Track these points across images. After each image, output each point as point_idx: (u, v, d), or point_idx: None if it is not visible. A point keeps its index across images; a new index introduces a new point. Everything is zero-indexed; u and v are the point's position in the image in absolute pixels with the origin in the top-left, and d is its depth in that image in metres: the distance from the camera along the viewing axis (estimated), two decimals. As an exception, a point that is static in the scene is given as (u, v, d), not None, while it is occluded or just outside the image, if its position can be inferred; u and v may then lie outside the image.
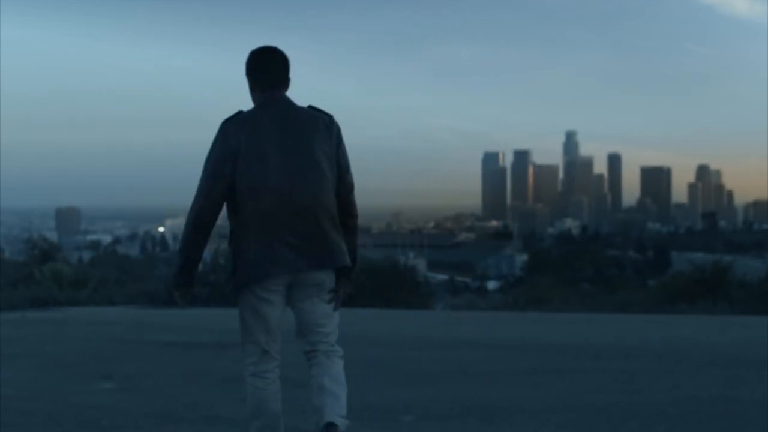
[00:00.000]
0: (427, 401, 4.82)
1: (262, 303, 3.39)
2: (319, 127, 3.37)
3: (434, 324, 10.03)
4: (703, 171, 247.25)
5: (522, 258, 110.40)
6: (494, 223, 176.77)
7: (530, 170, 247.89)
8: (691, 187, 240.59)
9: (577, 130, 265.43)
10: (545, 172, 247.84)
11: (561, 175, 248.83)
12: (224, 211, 3.38)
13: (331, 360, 3.49)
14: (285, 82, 3.46)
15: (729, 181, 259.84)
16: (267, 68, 3.44)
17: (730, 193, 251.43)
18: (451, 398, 4.90)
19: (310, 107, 3.45)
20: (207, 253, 9.41)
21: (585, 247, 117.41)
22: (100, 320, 10.14)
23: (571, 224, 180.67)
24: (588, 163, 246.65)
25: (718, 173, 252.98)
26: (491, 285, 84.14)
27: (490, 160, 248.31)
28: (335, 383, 3.40)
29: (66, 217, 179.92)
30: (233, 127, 3.31)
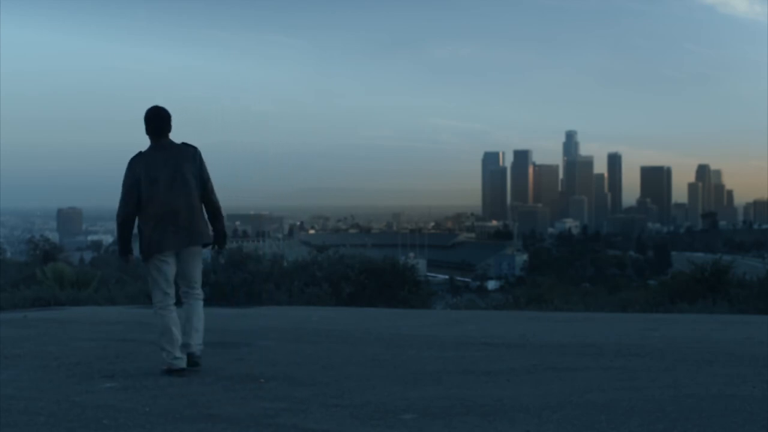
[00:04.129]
0: (427, 400, 4.84)
1: (162, 264, 5.83)
2: (188, 157, 5.85)
3: (434, 323, 10.03)
4: (703, 171, 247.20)
5: (522, 258, 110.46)
6: (494, 223, 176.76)
7: (530, 170, 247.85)
8: (691, 187, 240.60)
9: (577, 130, 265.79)
10: (545, 172, 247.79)
11: (561, 175, 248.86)
12: None
13: (197, 302, 5.95)
14: (168, 130, 5.88)
15: (729, 181, 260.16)
16: (157, 122, 5.85)
17: (730, 193, 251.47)
18: (452, 396, 4.92)
19: (183, 143, 5.90)
20: (208, 253, 9.54)
21: (585, 247, 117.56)
22: (102, 320, 10.14)
23: (571, 224, 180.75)
24: (588, 163, 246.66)
25: (718, 173, 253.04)
26: (491, 285, 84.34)
27: (490, 160, 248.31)
28: (198, 319, 5.89)
29: (67, 218, 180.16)
30: (136, 163, 5.79)
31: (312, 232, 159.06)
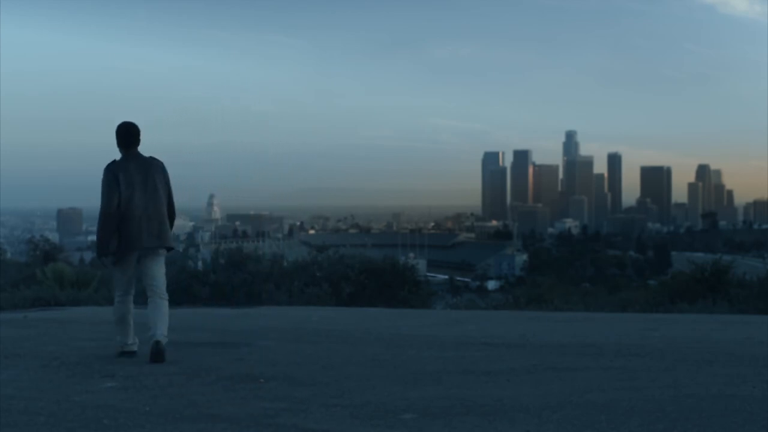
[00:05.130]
0: (427, 400, 4.84)
1: (127, 269, 6.57)
2: (158, 169, 6.59)
3: (434, 323, 10.04)
4: (703, 171, 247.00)
5: (522, 258, 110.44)
6: (494, 223, 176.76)
7: (530, 170, 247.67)
8: (691, 187, 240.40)
9: (577, 130, 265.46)
10: (545, 172, 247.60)
11: (561, 175, 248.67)
12: None
13: (162, 301, 6.51)
14: (137, 143, 6.59)
15: (729, 181, 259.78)
16: (127, 136, 6.58)
17: (730, 193, 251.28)
18: (452, 396, 4.92)
19: (151, 157, 6.60)
20: (207, 253, 9.65)
21: (585, 247, 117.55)
22: (102, 320, 10.13)
23: (571, 224, 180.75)
24: (588, 163, 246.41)
25: (718, 173, 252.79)
26: (491, 285, 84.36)
27: (490, 160, 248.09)
28: (163, 316, 6.44)
29: (67, 218, 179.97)
30: (114, 168, 6.43)
31: (312, 232, 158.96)
